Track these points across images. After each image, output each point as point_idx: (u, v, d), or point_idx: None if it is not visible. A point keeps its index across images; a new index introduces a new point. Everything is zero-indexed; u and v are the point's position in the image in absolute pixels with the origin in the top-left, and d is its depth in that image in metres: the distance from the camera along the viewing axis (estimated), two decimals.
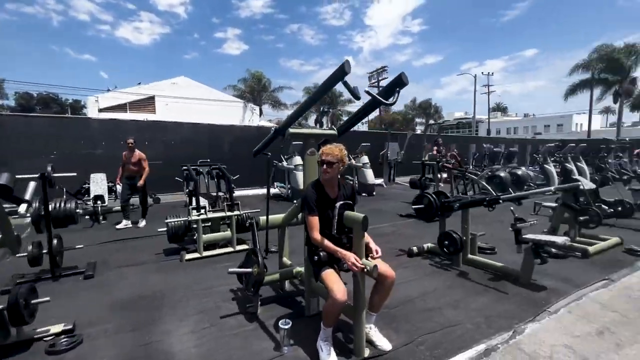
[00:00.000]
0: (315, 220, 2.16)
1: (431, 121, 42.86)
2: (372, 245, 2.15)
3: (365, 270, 1.96)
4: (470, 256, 3.75)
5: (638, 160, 13.43)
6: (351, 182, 2.52)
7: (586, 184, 4.34)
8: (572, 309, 2.68)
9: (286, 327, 2.15)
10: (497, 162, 9.60)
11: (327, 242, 2.11)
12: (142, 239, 5.13)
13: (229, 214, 4.35)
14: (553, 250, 3.93)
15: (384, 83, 33.71)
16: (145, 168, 5.70)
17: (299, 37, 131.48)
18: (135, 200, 6.03)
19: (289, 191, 8.80)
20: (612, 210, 4.34)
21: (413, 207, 4.01)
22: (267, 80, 31.18)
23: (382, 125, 50.42)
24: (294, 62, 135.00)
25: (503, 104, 67.28)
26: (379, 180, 12.09)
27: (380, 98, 1.97)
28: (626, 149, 13.34)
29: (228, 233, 4.46)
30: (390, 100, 2.00)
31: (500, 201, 3.28)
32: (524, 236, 3.17)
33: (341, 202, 2.21)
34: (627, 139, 23.43)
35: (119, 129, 8.99)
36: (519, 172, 9.09)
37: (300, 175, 8.88)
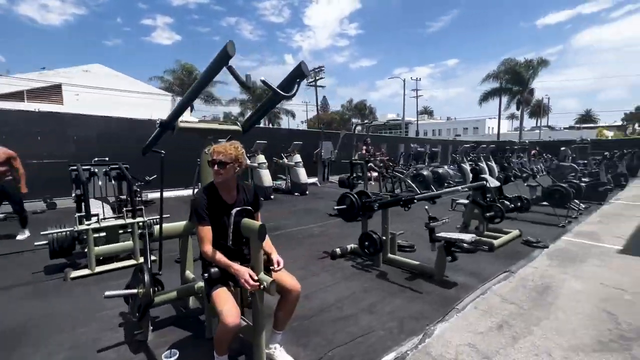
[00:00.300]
0: (205, 231, 1.84)
1: (356, 121, 44.64)
2: (274, 256, 1.91)
3: (262, 287, 1.70)
4: (390, 255, 3.76)
5: (534, 159, 15.57)
6: (251, 185, 2.21)
7: (492, 182, 4.70)
8: (478, 304, 2.77)
9: (171, 359, 1.80)
10: (420, 161, 10.18)
11: (219, 256, 1.80)
12: (18, 255, 4.21)
13: (129, 221, 3.75)
14: (465, 245, 4.15)
15: (321, 82, 34.11)
16: (19, 169, 4.67)
17: (236, 31, 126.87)
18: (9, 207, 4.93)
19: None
20: (513, 205, 4.76)
21: (335, 207, 3.89)
22: (199, 73, 29.24)
23: (320, 125, 51.20)
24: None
25: (430, 108, 73.39)
26: (313, 179, 12.05)
27: (279, 90, 1.73)
28: (525, 149, 15.34)
29: (129, 243, 3.85)
30: (291, 92, 1.77)
31: (415, 201, 3.31)
32: (437, 234, 3.24)
33: (238, 209, 1.92)
34: (527, 141, 27.17)
35: None
36: (440, 171, 9.76)
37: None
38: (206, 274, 1.81)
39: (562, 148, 11.95)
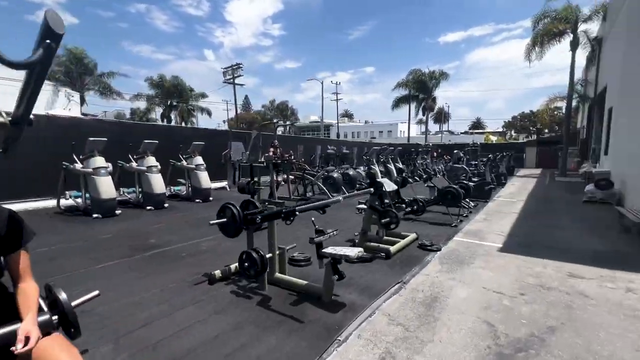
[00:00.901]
0: None
1: (277, 121, 44.44)
2: (26, 324, 1.19)
3: None
4: (277, 275, 3.25)
5: (436, 160, 17.12)
6: (7, 210, 1.41)
7: (388, 185, 4.58)
8: (363, 331, 2.42)
9: None
10: (331, 163, 10.07)
11: None
12: None
13: None
14: (354, 260, 3.89)
15: (239, 80, 32.65)
16: None
17: (148, 20, 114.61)
18: None
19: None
20: (409, 209, 4.72)
21: (211, 222, 3.22)
22: (91, 62, 25.14)
23: (242, 125, 49.17)
24: (144, 47, 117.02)
25: (350, 111, 77.04)
26: (222, 183, 11.07)
27: (5, 57, 1.03)
28: (428, 151, 16.73)
29: None
30: (34, 57, 1.08)
31: (297, 213, 2.86)
32: (324, 250, 2.83)
33: None
34: (431, 144, 30.08)
35: None
36: (351, 173, 9.76)
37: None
38: None
39: (455, 151, 13.21)
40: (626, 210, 5.48)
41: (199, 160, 8.42)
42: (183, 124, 31.65)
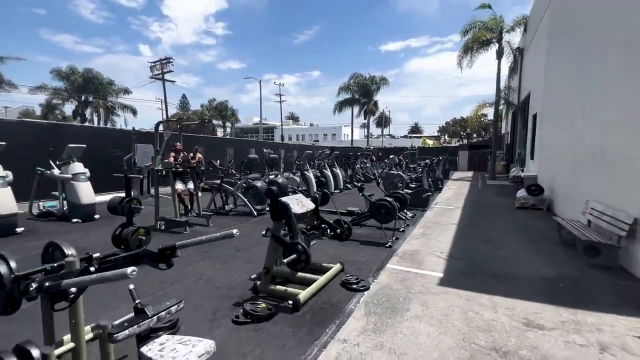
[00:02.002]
0: None
1: (217, 122, 41.82)
2: None
3: None
4: None
5: (376, 164, 16.70)
6: None
7: (299, 206, 3.44)
8: None
9: None
10: (254, 170, 8.73)
11: None
12: None
13: None
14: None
15: (169, 77, 29.60)
16: None
17: (71, 8, 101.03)
18: None
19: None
20: (332, 233, 3.64)
21: None
22: None
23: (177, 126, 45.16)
24: (65, 37, 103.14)
25: (296, 114, 76.01)
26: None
27: None
28: (368, 155, 16.23)
29: None
30: None
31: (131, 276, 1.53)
32: (145, 349, 1.54)
33: None
34: (372, 147, 30.27)
35: None
36: (280, 181, 8.52)
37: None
38: None
39: (391, 156, 12.67)
40: (565, 221, 5.07)
41: (77, 167, 6.50)
42: (103, 125, 27.70)
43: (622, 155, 4.33)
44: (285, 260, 2.85)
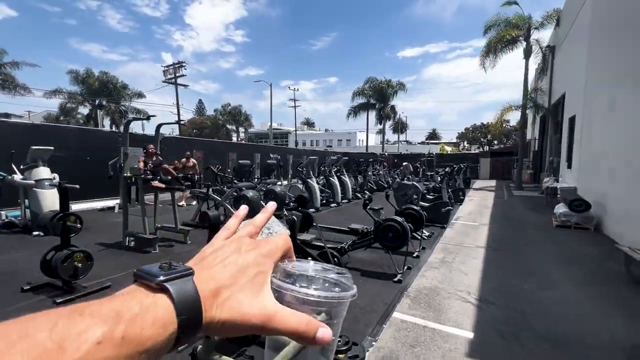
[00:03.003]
0: None
1: (231, 127, 41.47)
2: None
3: None
4: None
5: (392, 171, 15.51)
6: None
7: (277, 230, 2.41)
8: None
9: None
10: (246, 178, 7.77)
11: None
12: None
13: None
14: None
15: (181, 81, 29.47)
16: None
17: (99, 18, 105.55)
18: None
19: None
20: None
21: None
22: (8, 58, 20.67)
23: (194, 130, 45.26)
24: (94, 46, 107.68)
25: (311, 120, 75.48)
26: (112, 202, 8.36)
27: None
28: (381, 161, 15.06)
29: None
30: None
31: None
32: None
33: None
34: (386, 153, 29.02)
35: None
36: (277, 190, 7.54)
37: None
38: None
39: (404, 164, 11.42)
40: (636, 251, 3.82)
41: (43, 172, 5.73)
42: (114, 128, 27.72)
43: None
44: None
